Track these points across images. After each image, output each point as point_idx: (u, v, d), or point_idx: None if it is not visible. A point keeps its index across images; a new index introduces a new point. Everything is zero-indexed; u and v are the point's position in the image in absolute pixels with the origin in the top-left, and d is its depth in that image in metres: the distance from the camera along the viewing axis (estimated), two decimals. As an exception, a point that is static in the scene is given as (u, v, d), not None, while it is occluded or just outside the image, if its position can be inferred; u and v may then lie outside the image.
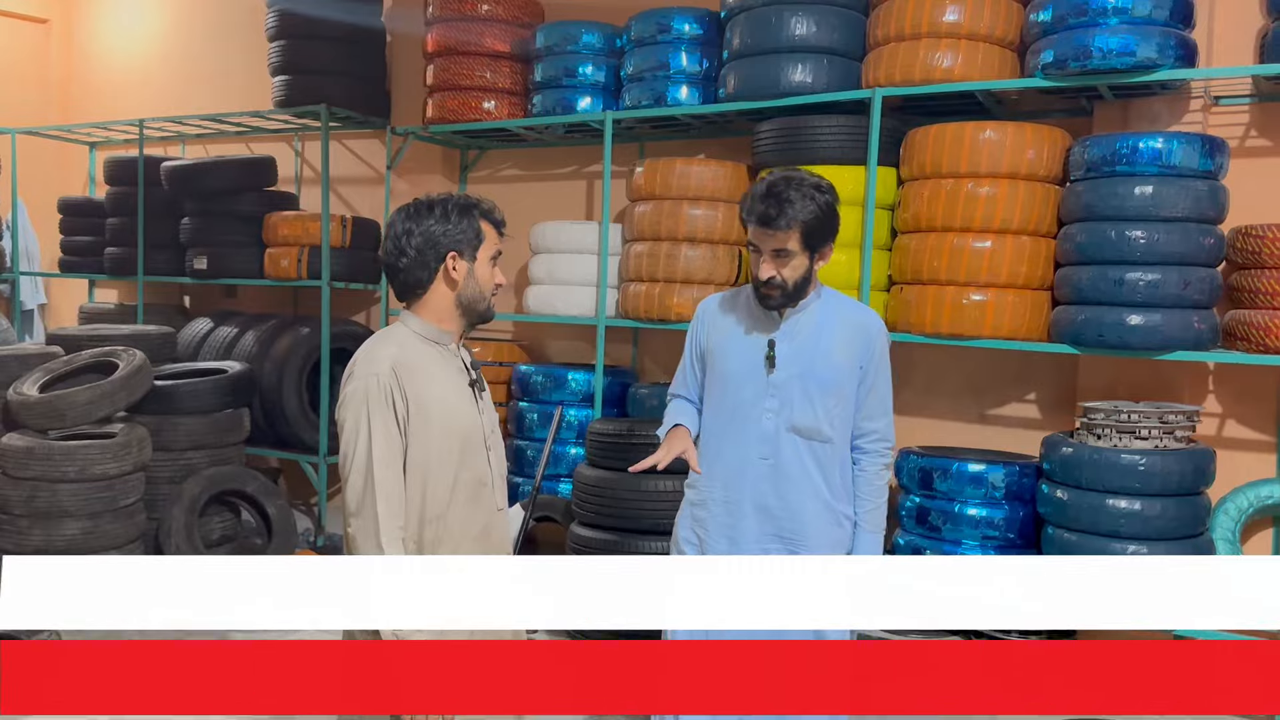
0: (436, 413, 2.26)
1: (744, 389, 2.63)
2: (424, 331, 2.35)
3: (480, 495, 2.35)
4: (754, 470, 2.61)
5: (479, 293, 2.38)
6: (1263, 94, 4.23)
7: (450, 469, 2.28)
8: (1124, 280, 3.87)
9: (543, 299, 5.49)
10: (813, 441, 2.61)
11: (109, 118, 7.68)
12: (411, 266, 2.32)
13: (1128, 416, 3.90)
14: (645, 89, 5.18)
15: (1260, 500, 4.15)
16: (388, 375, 2.22)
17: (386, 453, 2.19)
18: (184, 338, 6.71)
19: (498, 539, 2.41)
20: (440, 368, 2.33)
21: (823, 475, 2.63)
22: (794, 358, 2.61)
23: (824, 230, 2.60)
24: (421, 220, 2.31)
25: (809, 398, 2.61)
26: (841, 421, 2.66)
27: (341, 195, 6.95)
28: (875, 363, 2.70)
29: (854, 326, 2.69)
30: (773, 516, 2.63)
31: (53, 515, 4.78)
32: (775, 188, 2.54)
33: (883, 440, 2.75)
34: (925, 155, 4.34)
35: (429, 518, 2.26)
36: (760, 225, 2.55)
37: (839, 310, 2.71)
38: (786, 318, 2.65)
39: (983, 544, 4.23)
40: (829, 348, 2.64)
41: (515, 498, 5.48)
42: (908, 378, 5.10)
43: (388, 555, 2.16)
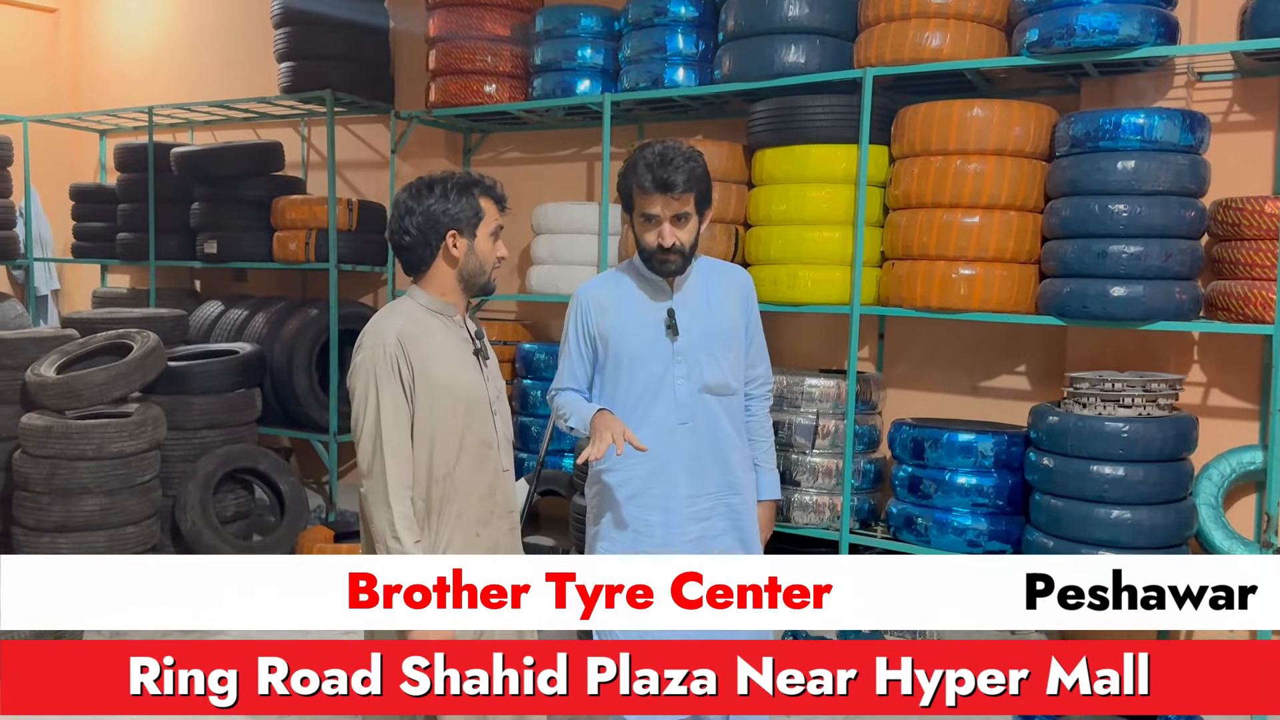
0: (441, 379, 2.40)
1: (652, 362, 2.70)
2: (429, 304, 2.49)
3: (486, 456, 2.49)
4: (677, 436, 2.70)
5: (479, 267, 2.50)
6: (1244, 70, 4.32)
7: (456, 431, 2.42)
8: (1107, 253, 3.98)
9: (545, 278, 5.61)
10: (722, 397, 2.75)
11: (118, 105, 7.80)
12: (414, 245, 2.45)
13: (1112, 386, 4.01)
14: (643, 71, 5.28)
15: (1243, 466, 4.26)
16: (394, 345, 2.37)
17: (394, 417, 2.34)
18: (195, 320, 6.87)
19: (503, 498, 2.55)
20: (445, 337, 2.47)
21: (734, 426, 2.79)
22: (692, 321, 2.71)
23: (709, 192, 2.72)
24: (423, 199, 2.44)
25: (713, 356, 2.73)
26: (740, 373, 2.82)
27: (347, 179, 7.07)
28: (752, 313, 2.86)
29: (730, 282, 2.82)
30: (703, 474, 2.73)
31: (72, 492, 4.93)
32: (666, 155, 2.61)
33: (766, 384, 2.93)
34: (915, 133, 4.44)
35: (436, 477, 2.41)
36: (663, 192, 2.60)
37: (714, 271, 2.83)
38: (675, 285, 2.74)
39: (972, 511, 4.36)
40: (719, 306, 2.76)
41: (520, 472, 5.62)
42: (901, 352, 5.22)
43: (394, 510, 2.31)
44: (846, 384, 4.67)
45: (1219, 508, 4.27)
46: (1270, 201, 3.92)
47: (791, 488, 4.73)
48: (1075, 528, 3.99)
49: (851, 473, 4.65)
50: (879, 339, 5.23)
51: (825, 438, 4.72)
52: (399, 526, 2.32)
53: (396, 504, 2.32)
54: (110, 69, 8.60)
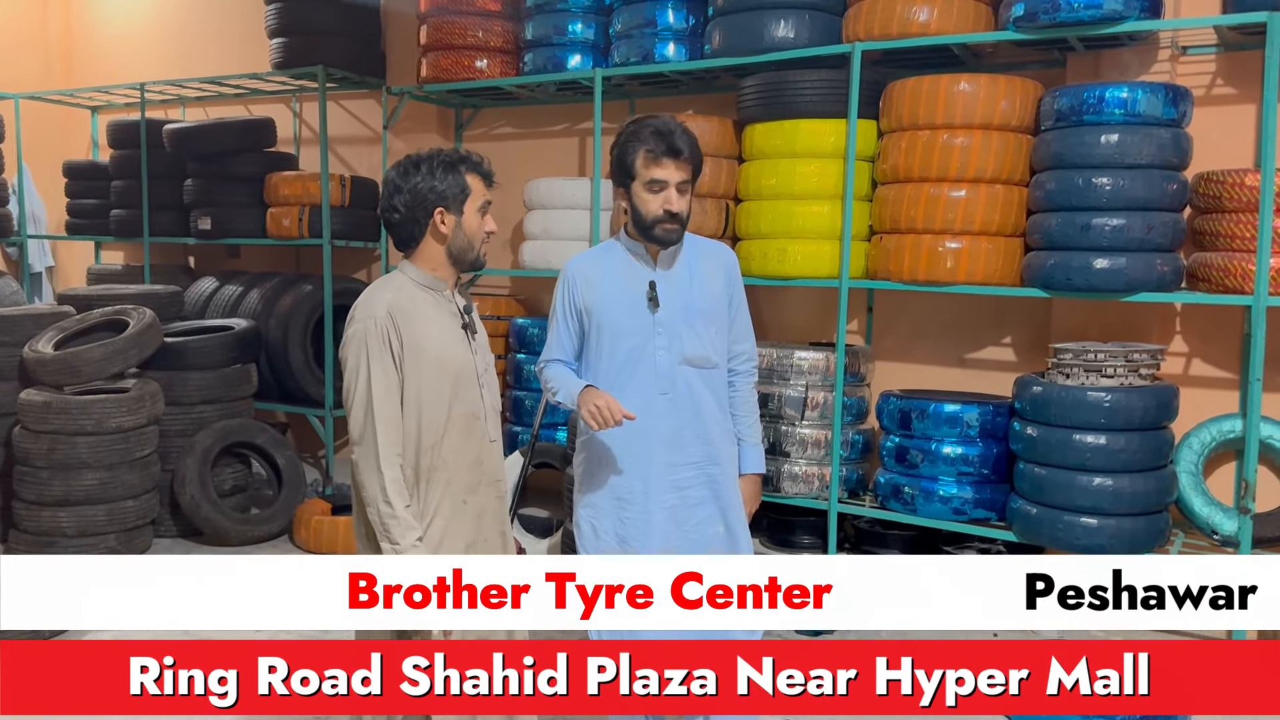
0: (430, 351, 2.48)
1: (634, 334, 2.75)
2: (419, 278, 2.55)
3: (473, 428, 2.56)
4: (657, 406, 2.75)
5: (467, 243, 2.56)
6: (1227, 44, 4.37)
7: (444, 402, 2.50)
8: (1090, 225, 4.04)
9: (538, 254, 5.66)
10: (703, 369, 2.79)
11: (110, 82, 7.79)
12: (403, 222, 2.52)
13: (1095, 356, 4.08)
14: (634, 46, 5.31)
15: (1222, 434, 4.35)
16: (384, 318, 2.44)
17: (384, 387, 2.43)
18: (190, 296, 6.90)
19: (489, 468, 2.62)
20: (434, 311, 2.53)
21: (714, 398, 2.82)
22: (674, 294, 2.76)
23: (700, 168, 2.77)
24: (409, 178, 2.50)
25: (694, 329, 2.77)
26: (722, 347, 2.85)
27: (340, 155, 7.10)
28: (736, 290, 2.89)
29: (714, 259, 2.86)
30: (682, 444, 2.78)
31: (72, 467, 4.99)
32: (669, 125, 2.69)
33: (750, 360, 2.95)
34: (903, 107, 4.48)
35: (425, 447, 2.48)
36: (673, 157, 2.67)
37: (698, 247, 2.87)
38: (659, 259, 2.79)
39: (958, 480, 4.45)
40: (702, 280, 2.80)
41: (514, 446, 5.70)
42: (890, 325, 5.29)
43: (385, 475, 2.39)
44: (835, 356, 4.74)
45: (1199, 475, 4.36)
46: (1251, 174, 3.98)
47: (781, 458, 4.81)
48: (1058, 495, 4.08)
49: (840, 443, 4.73)
50: (867, 312, 5.29)
51: (814, 409, 4.80)
52: (390, 491, 2.39)
53: (388, 470, 2.40)
54: (102, 45, 8.58)
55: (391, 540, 2.39)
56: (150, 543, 5.43)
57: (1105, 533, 4.01)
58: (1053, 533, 4.10)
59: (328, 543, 5.39)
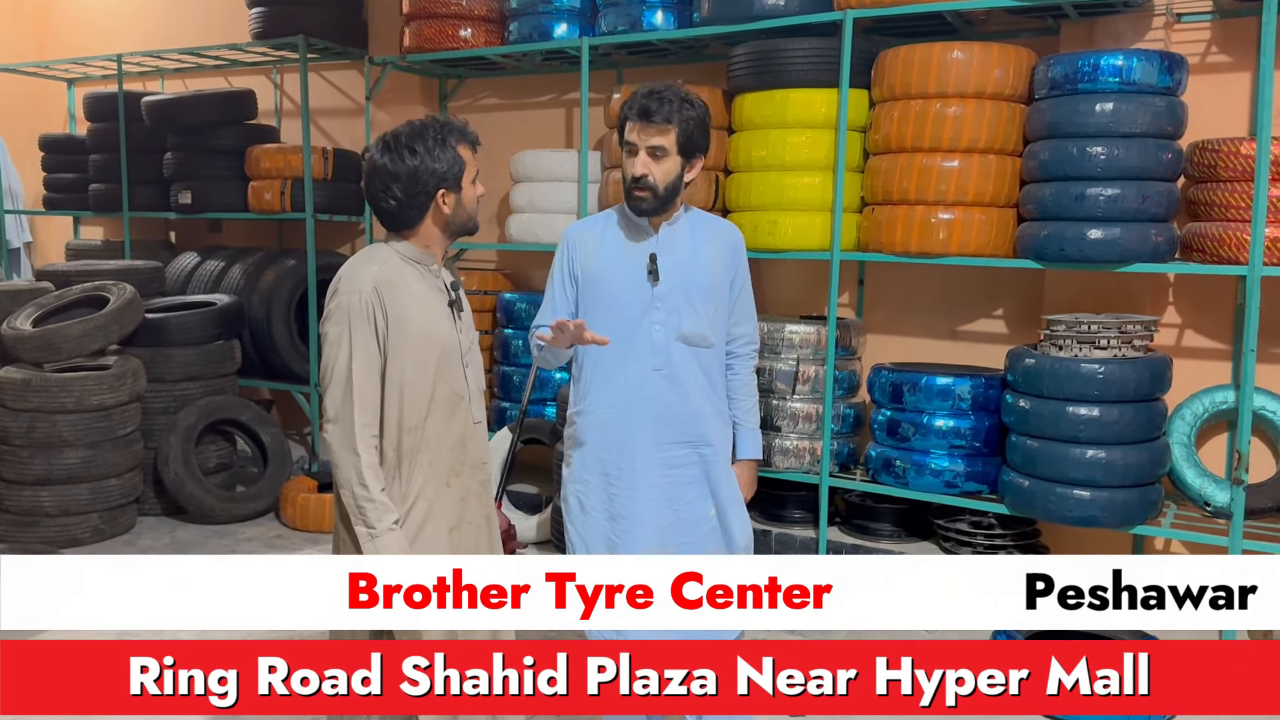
0: (415, 329, 2.39)
1: (630, 306, 2.70)
2: (407, 253, 2.46)
3: (457, 408, 2.48)
4: (650, 382, 2.70)
5: (467, 215, 2.49)
6: (1222, 10, 4.31)
7: (427, 382, 2.41)
8: (1085, 195, 3.99)
9: (525, 227, 5.59)
10: (698, 348, 2.73)
11: (86, 53, 7.64)
12: (401, 209, 2.41)
13: (1088, 328, 4.05)
14: (621, 14, 5.22)
15: (1215, 405, 4.33)
16: (370, 293, 2.34)
17: (365, 365, 2.34)
18: (171, 272, 6.81)
19: (474, 449, 2.55)
20: (420, 286, 2.44)
21: (708, 379, 2.77)
22: (674, 269, 2.70)
23: (697, 138, 2.67)
24: (404, 160, 2.36)
25: (693, 306, 2.71)
26: (720, 327, 2.79)
27: (322, 127, 6.98)
28: (741, 270, 2.84)
29: (720, 238, 2.80)
30: (673, 422, 2.73)
31: (53, 445, 4.93)
32: (657, 89, 2.64)
33: (751, 344, 2.91)
34: (895, 76, 4.42)
35: (407, 427, 2.40)
36: (641, 119, 2.62)
37: (705, 224, 2.81)
38: (660, 232, 2.72)
39: (950, 453, 4.42)
40: (705, 258, 2.74)
41: (503, 422, 5.65)
42: (881, 297, 5.25)
43: (361, 458, 2.33)
44: (826, 330, 4.70)
45: (1192, 446, 4.35)
46: (1246, 143, 3.94)
47: (772, 433, 4.78)
48: (1051, 468, 4.05)
49: (831, 417, 4.70)
50: (859, 284, 5.25)
51: (805, 383, 4.76)
52: (366, 474, 2.34)
53: (364, 452, 2.34)
54: (77, 16, 8.40)
55: (367, 524, 2.34)
56: (134, 521, 5.37)
57: (1098, 505, 3.99)
58: (1045, 505, 4.08)
59: (314, 520, 5.34)
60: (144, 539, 5.20)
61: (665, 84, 2.69)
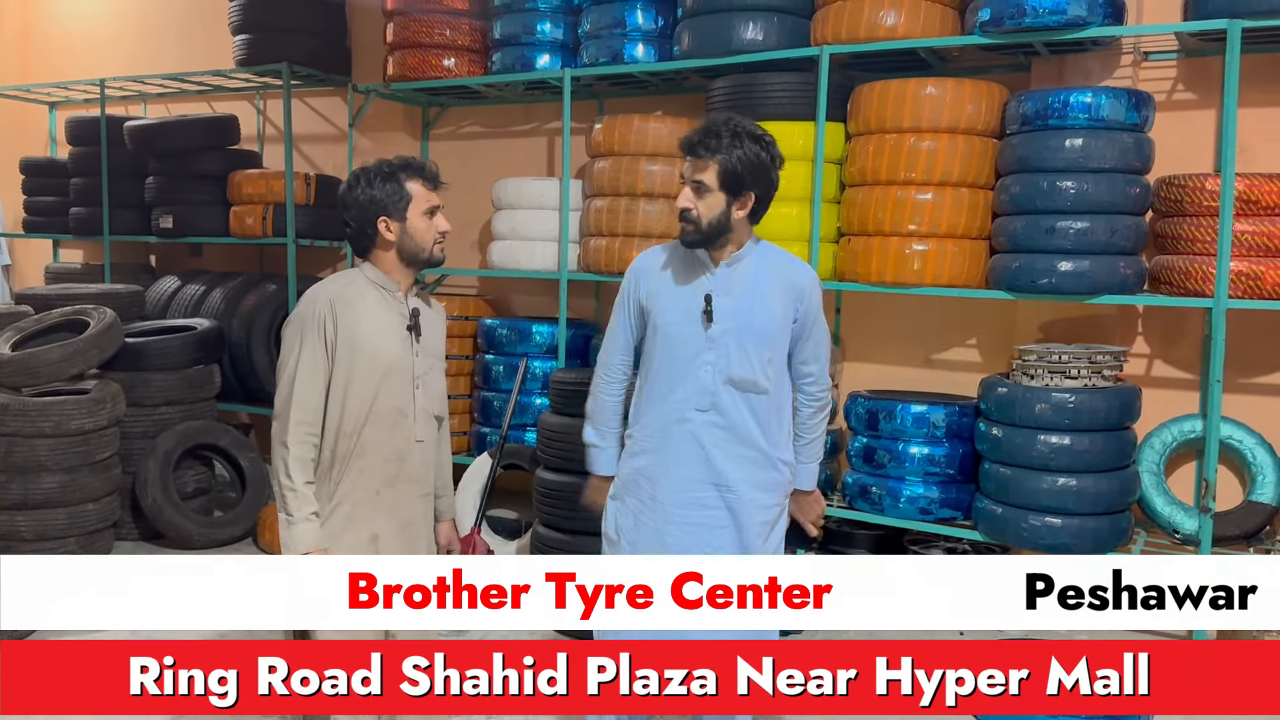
0: (363, 343, 2.60)
1: (684, 344, 2.68)
2: (374, 277, 2.70)
3: (399, 424, 2.66)
4: (692, 421, 2.68)
5: (417, 246, 2.68)
6: (1188, 49, 4.44)
7: (369, 393, 2.60)
8: (1055, 228, 4.09)
9: (506, 254, 5.63)
10: (749, 394, 2.68)
11: (69, 77, 7.65)
12: (355, 234, 2.69)
13: (1059, 358, 4.13)
14: (602, 46, 5.29)
15: (1183, 434, 4.42)
16: (324, 306, 2.59)
17: (309, 370, 2.57)
18: (152, 296, 6.80)
19: (413, 466, 2.70)
20: (379, 308, 2.66)
21: (759, 424, 2.70)
22: (731, 312, 2.66)
23: (744, 176, 2.60)
24: (352, 191, 2.64)
25: (745, 351, 2.66)
26: (777, 372, 2.72)
27: (304, 153, 7.02)
28: (811, 314, 2.76)
29: (788, 279, 2.72)
30: (713, 465, 2.69)
31: (30, 470, 4.89)
32: (714, 122, 2.63)
33: (817, 383, 2.83)
34: (871, 111, 4.51)
35: (344, 432, 2.60)
36: (686, 152, 2.64)
37: (773, 263, 2.74)
38: (721, 269, 2.69)
39: (925, 480, 4.49)
40: (765, 301, 2.68)
41: (483, 447, 5.67)
42: (857, 326, 5.32)
43: (290, 451, 2.53)
44: (803, 357, 4.75)
45: (1161, 474, 4.43)
46: (1211, 179, 4.05)
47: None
48: (1023, 495, 4.12)
49: (808, 444, 4.75)
50: (835, 313, 5.32)
51: (783, 410, 4.81)
52: (292, 466, 2.54)
53: (294, 446, 2.55)
54: (60, 40, 8.42)
55: (288, 512, 2.53)
56: (111, 546, 5.34)
57: (1069, 532, 4.06)
58: (1017, 532, 4.15)
59: (293, 545, 5.32)
60: (121, 564, 5.18)
61: (726, 115, 2.66)
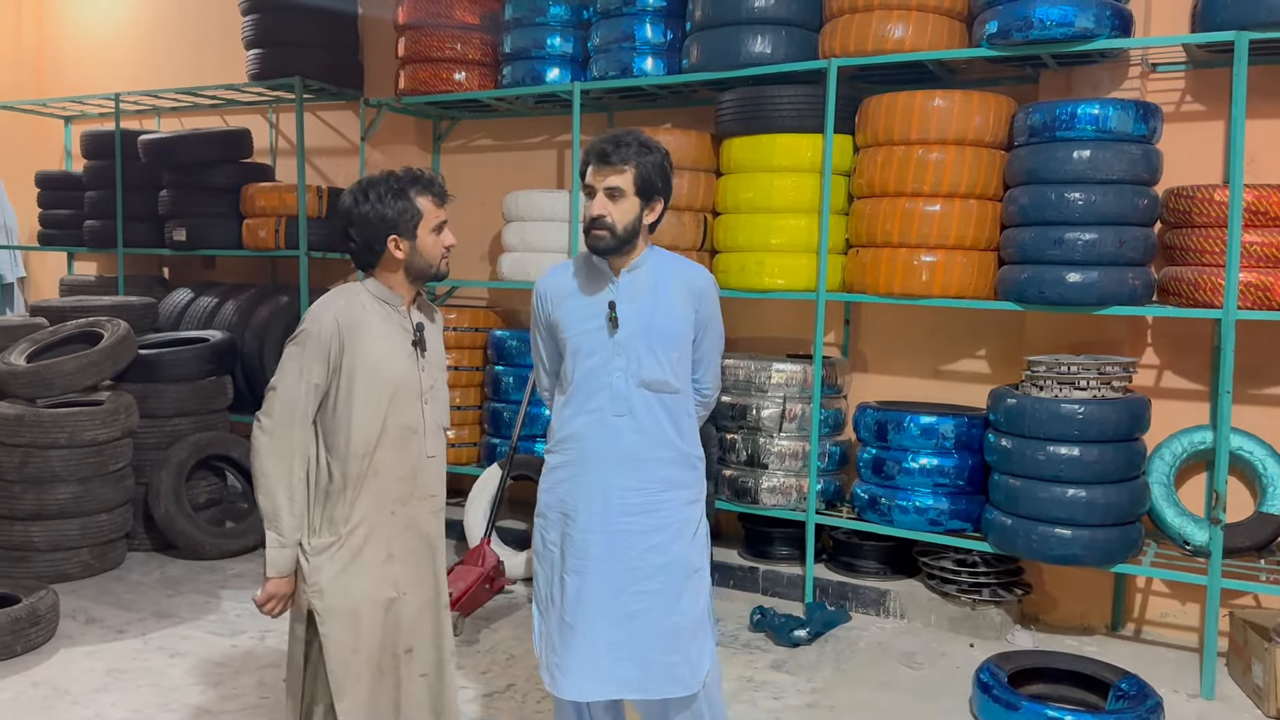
0: (370, 363, 2.57)
1: (594, 353, 2.72)
2: (377, 292, 2.66)
3: (410, 441, 2.64)
4: (611, 427, 2.71)
5: (425, 263, 2.65)
6: (1196, 61, 4.44)
7: (379, 413, 2.58)
8: (1063, 240, 4.09)
9: (516, 265, 5.67)
10: (662, 394, 2.72)
11: (84, 92, 7.74)
12: (359, 250, 2.63)
13: (1068, 369, 4.13)
14: (612, 60, 5.33)
15: (1194, 445, 4.41)
16: (330, 323, 2.55)
17: (309, 390, 2.54)
18: (165, 308, 6.86)
19: (424, 481, 2.70)
20: (383, 324, 2.62)
21: (673, 424, 2.75)
22: (635, 315, 2.71)
23: (656, 181, 2.68)
24: (360, 206, 2.57)
25: (654, 352, 2.71)
26: (685, 371, 2.79)
27: (317, 166, 7.08)
28: (707, 313, 2.82)
29: (687, 281, 2.79)
30: (638, 468, 2.72)
31: (44, 480, 4.94)
32: (617, 134, 2.69)
33: (705, 389, 2.91)
34: (879, 123, 4.53)
35: (356, 454, 2.56)
36: (598, 162, 2.66)
37: (672, 268, 2.80)
38: (623, 277, 2.74)
39: (934, 491, 4.49)
40: (668, 302, 2.74)
41: (493, 458, 5.69)
42: (867, 337, 5.33)
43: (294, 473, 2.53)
44: (812, 369, 4.77)
45: (1171, 486, 4.42)
46: (1220, 190, 4.05)
47: (759, 470, 4.84)
48: (1033, 507, 4.12)
49: (817, 455, 4.76)
50: (844, 324, 5.33)
51: (792, 421, 4.83)
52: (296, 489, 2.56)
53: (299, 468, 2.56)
54: (75, 55, 8.52)
55: (279, 533, 2.55)
56: (124, 557, 5.39)
57: (1079, 543, 4.05)
58: (1027, 544, 4.14)
59: (304, 556, 5.35)
60: (133, 574, 5.21)
61: (626, 130, 2.74)
